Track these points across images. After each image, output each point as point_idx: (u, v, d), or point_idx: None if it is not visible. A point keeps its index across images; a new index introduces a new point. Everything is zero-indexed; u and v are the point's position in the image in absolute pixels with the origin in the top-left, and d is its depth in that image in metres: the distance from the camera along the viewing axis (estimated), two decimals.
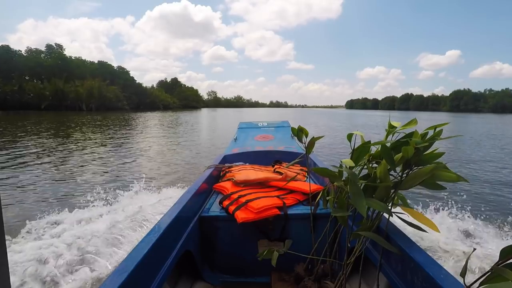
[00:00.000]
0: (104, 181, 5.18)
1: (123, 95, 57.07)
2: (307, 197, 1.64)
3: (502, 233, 2.91)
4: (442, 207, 3.47)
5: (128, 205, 3.30)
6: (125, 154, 8.09)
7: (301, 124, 1.39)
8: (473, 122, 29.95)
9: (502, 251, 0.59)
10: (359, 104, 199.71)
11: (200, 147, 9.54)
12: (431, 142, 0.91)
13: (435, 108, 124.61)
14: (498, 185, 5.37)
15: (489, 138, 13.56)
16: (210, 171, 2.14)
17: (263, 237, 1.56)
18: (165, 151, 8.78)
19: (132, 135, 13.08)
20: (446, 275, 0.82)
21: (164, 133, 14.57)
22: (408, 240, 1.04)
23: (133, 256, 0.92)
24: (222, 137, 12.03)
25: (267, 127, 4.06)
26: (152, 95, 73.18)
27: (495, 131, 18.23)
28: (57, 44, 57.47)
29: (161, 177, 5.54)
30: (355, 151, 1.08)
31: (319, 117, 39.91)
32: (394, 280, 1.03)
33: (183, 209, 1.36)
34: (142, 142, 10.82)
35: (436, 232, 0.94)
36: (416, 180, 0.91)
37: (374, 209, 1.05)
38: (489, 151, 9.49)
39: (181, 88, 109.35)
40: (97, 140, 10.97)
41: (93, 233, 2.57)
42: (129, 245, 2.48)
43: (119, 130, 15.03)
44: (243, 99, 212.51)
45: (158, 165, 6.67)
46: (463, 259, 2.27)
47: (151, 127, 17.74)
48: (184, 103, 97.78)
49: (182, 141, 11.05)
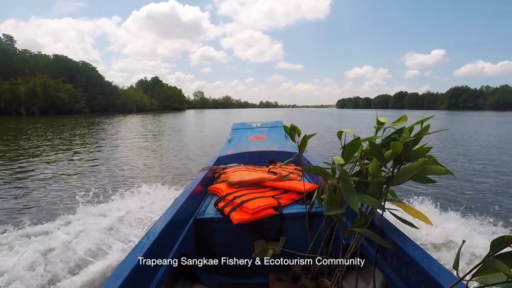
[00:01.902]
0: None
1: (82, 95, 46.19)
2: (302, 196, 1.65)
3: (493, 224, 2.97)
4: (431, 200, 3.53)
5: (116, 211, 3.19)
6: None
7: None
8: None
9: (493, 243, 0.60)
10: (351, 103, 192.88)
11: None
12: (419, 137, 0.92)
13: (431, 106, 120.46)
14: (486, 178, 5.49)
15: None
16: (204, 173, 2.14)
17: (259, 237, 1.56)
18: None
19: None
20: (440, 268, 0.84)
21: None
22: (402, 235, 1.05)
23: (129, 261, 0.92)
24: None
25: (261, 127, 4.07)
26: (123, 95, 63.02)
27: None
28: (6, 35, 45.28)
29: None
30: (345, 148, 1.09)
31: (321, 118, 35.73)
32: (389, 275, 1.05)
33: (178, 212, 1.35)
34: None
35: (429, 225, 0.96)
36: (408, 175, 0.93)
37: (368, 205, 1.07)
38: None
39: (162, 88, 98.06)
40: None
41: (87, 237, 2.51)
42: (121, 253, 2.42)
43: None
44: (232, 99, 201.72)
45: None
46: (455, 251, 2.32)
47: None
48: (166, 104, 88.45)
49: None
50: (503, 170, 6.15)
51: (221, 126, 13.74)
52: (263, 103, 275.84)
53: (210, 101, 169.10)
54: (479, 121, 27.76)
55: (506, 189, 4.76)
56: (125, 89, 71.57)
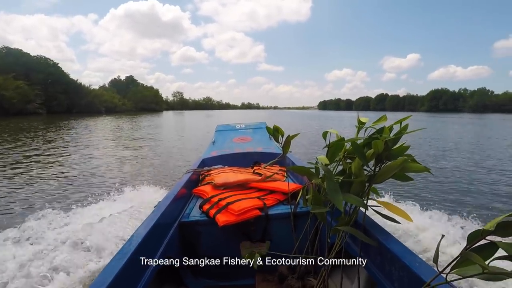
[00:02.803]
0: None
1: (37, 94, 40.51)
2: (287, 196, 1.66)
3: (469, 218, 3.11)
4: (411, 197, 3.66)
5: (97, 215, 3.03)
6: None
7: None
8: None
9: (469, 236, 0.63)
10: (332, 105, 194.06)
11: None
12: (399, 136, 0.96)
13: (412, 108, 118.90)
14: (462, 175, 5.75)
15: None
16: (188, 176, 2.11)
17: (245, 238, 1.56)
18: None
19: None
20: (421, 262, 0.87)
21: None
22: (385, 232, 1.08)
23: (111, 267, 0.89)
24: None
25: (245, 128, 4.06)
26: (89, 95, 56.60)
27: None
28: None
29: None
30: (330, 148, 1.11)
31: (304, 119, 34.14)
32: (373, 271, 1.07)
33: (162, 216, 1.33)
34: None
35: (409, 221, 0.99)
36: (389, 173, 0.96)
37: (351, 204, 1.09)
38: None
39: (137, 87, 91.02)
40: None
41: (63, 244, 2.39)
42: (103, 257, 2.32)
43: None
44: (213, 100, 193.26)
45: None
46: (434, 245, 2.40)
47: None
48: (141, 105, 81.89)
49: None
50: (477, 168, 6.47)
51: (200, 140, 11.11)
52: (245, 104, 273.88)
53: (190, 102, 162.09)
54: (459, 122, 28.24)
55: (479, 185, 5.01)
56: (92, 88, 64.54)
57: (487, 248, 0.62)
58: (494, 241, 0.60)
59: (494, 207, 3.89)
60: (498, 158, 7.71)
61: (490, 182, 5.19)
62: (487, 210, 3.70)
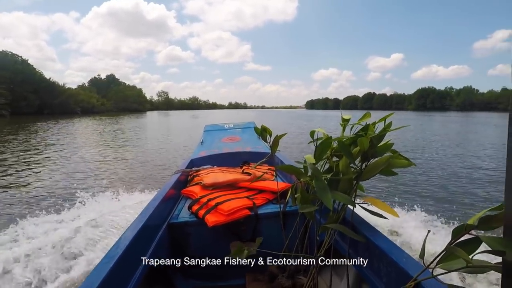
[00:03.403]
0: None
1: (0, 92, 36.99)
2: (276, 195, 1.66)
3: (454, 214, 3.20)
4: (397, 193, 3.74)
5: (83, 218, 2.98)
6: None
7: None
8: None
9: (454, 231, 0.64)
10: (320, 104, 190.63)
11: None
12: (383, 133, 0.97)
13: (399, 107, 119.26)
14: (447, 172, 5.92)
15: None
16: (177, 176, 2.08)
17: (235, 239, 1.55)
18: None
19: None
20: (408, 258, 0.88)
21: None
22: (372, 228, 1.09)
23: (99, 270, 0.87)
24: None
25: (233, 128, 4.05)
26: (63, 94, 52.39)
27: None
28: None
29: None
30: (318, 147, 1.12)
31: (293, 119, 33.17)
32: (362, 268, 1.08)
33: (151, 217, 1.31)
34: None
35: (396, 217, 1.01)
36: (375, 170, 0.97)
37: (339, 201, 1.10)
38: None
39: (118, 87, 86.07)
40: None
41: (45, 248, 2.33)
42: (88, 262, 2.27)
43: None
44: (200, 100, 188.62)
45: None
46: (421, 241, 2.46)
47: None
48: (123, 106, 77.48)
49: None
50: (462, 164, 6.67)
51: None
52: (232, 104, 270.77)
53: (176, 102, 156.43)
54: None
55: (463, 181, 5.16)
56: (68, 87, 60.16)
57: (471, 243, 0.63)
58: (477, 235, 0.62)
59: (477, 202, 4.02)
60: (479, 155, 7.97)
61: (473, 178, 5.36)
62: (471, 205, 3.82)
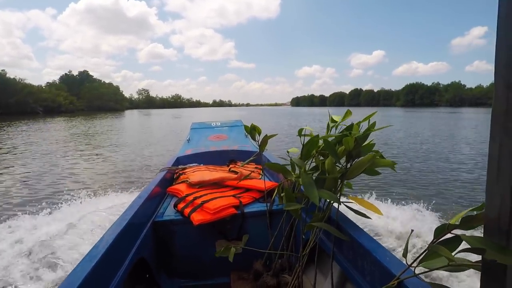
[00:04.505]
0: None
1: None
2: (263, 194, 1.65)
3: (435, 213, 3.29)
4: (380, 192, 3.82)
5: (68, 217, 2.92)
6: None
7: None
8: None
9: (436, 230, 0.65)
10: (306, 101, 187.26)
11: None
12: (368, 133, 0.98)
13: (387, 103, 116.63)
14: (428, 171, 6.08)
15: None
16: (163, 174, 2.05)
17: (221, 237, 1.54)
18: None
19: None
20: (391, 257, 0.89)
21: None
22: (357, 227, 1.10)
23: (81, 268, 0.85)
24: None
25: (221, 126, 4.02)
26: (21, 92, 46.54)
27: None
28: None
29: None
30: (305, 145, 1.12)
31: (281, 117, 31.20)
32: (346, 266, 1.09)
33: (135, 215, 1.28)
34: None
35: (380, 215, 1.02)
36: (359, 169, 0.98)
37: (325, 200, 1.10)
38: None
39: (92, 84, 78.86)
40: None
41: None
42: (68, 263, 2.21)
43: None
44: (183, 98, 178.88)
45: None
46: (404, 238, 2.52)
47: None
48: (98, 104, 71.59)
49: None
50: (444, 163, 6.87)
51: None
52: (217, 102, 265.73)
53: (158, 100, 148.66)
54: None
55: (446, 180, 5.32)
56: (28, 84, 52.42)
57: (453, 242, 0.64)
58: (458, 234, 0.63)
59: (460, 201, 4.15)
60: (464, 153, 8.22)
61: (456, 177, 5.53)
62: (454, 204, 3.95)
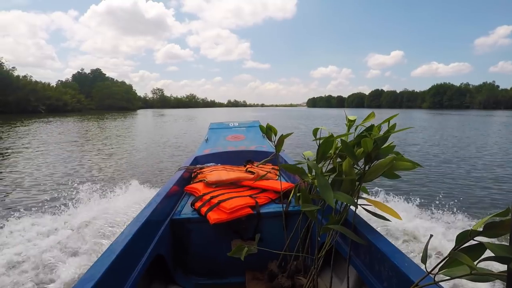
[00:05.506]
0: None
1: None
2: (279, 195, 1.65)
3: (458, 219, 3.15)
4: (400, 195, 3.69)
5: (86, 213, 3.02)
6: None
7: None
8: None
9: (458, 236, 0.62)
10: (323, 102, 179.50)
11: None
12: (388, 135, 0.96)
13: (411, 105, 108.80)
14: (452, 174, 5.82)
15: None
16: (181, 173, 2.09)
17: (236, 237, 1.55)
18: None
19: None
20: (410, 263, 0.87)
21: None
22: (374, 231, 1.08)
23: (101, 262, 0.88)
24: None
25: (238, 127, 4.05)
26: (24, 89, 43.02)
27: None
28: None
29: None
30: (321, 146, 1.11)
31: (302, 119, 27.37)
32: (363, 271, 1.07)
33: (154, 212, 1.31)
34: None
35: (398, 219, 0.99)
36: (378, 171, 0.95)
37: (341, 202, 1.09)
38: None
39: (104, 83, 76.28)
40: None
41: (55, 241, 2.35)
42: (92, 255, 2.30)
43: None
44: (197, 98, 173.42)
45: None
46: (423, 244, 2.43)
47: None
48: (109, 103, 68.94)
49: None
50: (469, 167, 6.56)
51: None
52: (231, 102, 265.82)
53: (172, 99, 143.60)
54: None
55: (470, 185, 5.08)
56: (29, 81, 48.32)
57: (475, 249, 0.61)
58: (482, 241, 0.60)
59: (482, 206, 3.96)
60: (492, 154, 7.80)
61: (480, 181, 5.27)
62: (477, 209, 3.77)
